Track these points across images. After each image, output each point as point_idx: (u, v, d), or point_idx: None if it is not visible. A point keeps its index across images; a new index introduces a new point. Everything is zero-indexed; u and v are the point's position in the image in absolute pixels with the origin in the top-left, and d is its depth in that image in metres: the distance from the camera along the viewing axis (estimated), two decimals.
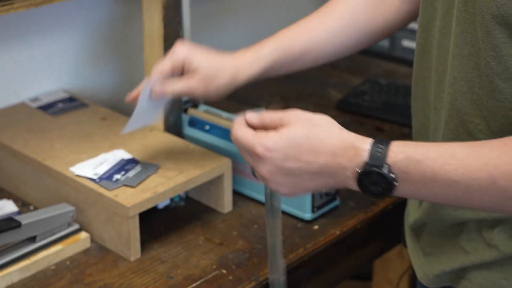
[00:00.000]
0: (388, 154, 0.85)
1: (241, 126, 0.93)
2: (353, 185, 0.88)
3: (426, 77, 1.05)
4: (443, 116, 1.00)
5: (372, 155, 0.86)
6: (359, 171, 0.86)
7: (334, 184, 0.90)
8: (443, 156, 0.84)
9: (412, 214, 1.13)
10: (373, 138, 0.88)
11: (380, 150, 0.86)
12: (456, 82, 0.95)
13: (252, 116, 0.93)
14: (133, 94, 1.18)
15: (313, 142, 0.88)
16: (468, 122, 0.95)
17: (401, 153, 0.85)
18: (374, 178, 0.85)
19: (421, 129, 1.09)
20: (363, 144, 0.87)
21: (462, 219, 1.01)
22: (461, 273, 1.03)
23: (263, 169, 0.90)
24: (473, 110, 0.94)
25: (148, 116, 1.21)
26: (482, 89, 0.92)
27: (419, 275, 1.11)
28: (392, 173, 0.85)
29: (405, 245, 1.18)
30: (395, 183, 0.85)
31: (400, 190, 0.86)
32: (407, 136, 1.58)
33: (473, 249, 1.00)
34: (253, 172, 0.93)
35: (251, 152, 0.90)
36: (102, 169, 1.23)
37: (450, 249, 1.04)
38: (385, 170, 0.85)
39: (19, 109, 1.46)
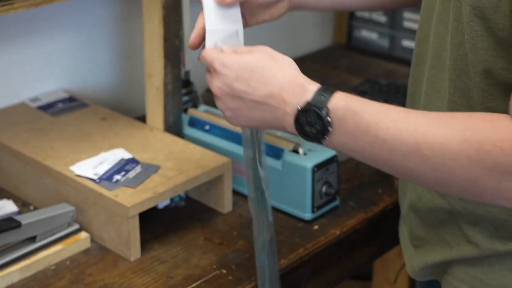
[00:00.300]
0: (330, 99, 0.88)
1: (211, 48, 0.97)
2: (289, 123, 0.90)
3: (421, 62, 1.06)
4: (432, 102, 1.01)
5: (316, 96, 0.89)
6: (299, 107, 0.89)
7: (272, 120, 0.92)
8: (380, 114, 0.86)
9: (404, 203, 1.14)
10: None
11: (324, 94, 0.89)
12: (448, 69, 0.96)
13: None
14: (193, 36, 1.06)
15: (265, 72, 0.91)
16: (455, 110, 0.95)
17: (342, 101, 0.88)
18: (311, 118, 0.88)
19: None
20: (311, 86, 0.90)
21: (442, 208, 1.02)
22: (444, 267, 1.05)
23: (215, 85, 0.95)
24: (460, 99, 0.95)
25: (225, 27, 1.06)
26: (469, 79, 0.93)
27: (408, 268, 1.13)
28: (329, 117, 0.87)
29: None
30: (329, 128, 0.88)
31: (332, 138, 0.88)
32: None
33: (456, 244, 1.02)
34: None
35: (211, 68, 0.95)
36: (102, 169, 1.23)
37: (435, 243, 1.06)
38: (323, 112, 0.87)
39: (19, 109, 1.46)
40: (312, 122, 0.88)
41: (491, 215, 0.97)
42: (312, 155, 1.28)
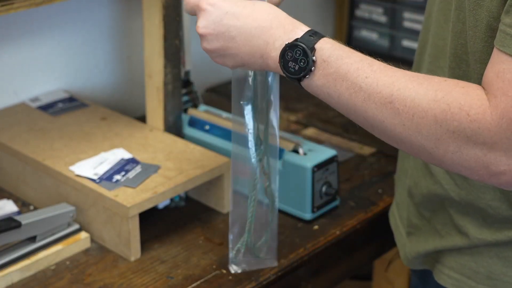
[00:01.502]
0: (319, 41, 0.90)
1: None
2: (275, 59, 0.92)
3: (423, 51, 1.08)
4: None
5: (305, 36, 0.91)
6: (288, 43, 0.90)
7: (258, 57, 0.93)
8: (362, 63, 0.88)
9: (399, 188, 1.16)
10: None
11: (313, 36, 0.91)
12: (447, 57, 0.98)
13: None
14: None
15: (257, 8, 0.93)
16: None
17: (329, 43, 0.90)
18: (297, 54, 0.90)
19: None
20: (301, 26, 0.92)
21: (435, 194, 1.04)
22: (435, 256, 1.07)
23: (201, 24, 0.94)
24: None
25: None
26: (468, 67, 0.94)
27: (401, 255, 1.16)
28: (315, 57, 0.89)
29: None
30: (312, 67, 0.90)
31: (312, 79, 0.90)
32: None
33: (447, 233, 1.05)
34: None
35: (197, 9, 0.95)
36: (102, 169, 1.23)
37: (427, 231, 1.08)
38: (309, 50, 0.89)
39: (19, 109, 1.46)
40: (297, 59, 0.90)
41: (483, 203, 0.99)
42: (312, 155, 1.28)
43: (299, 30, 0.92)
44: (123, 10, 1.61)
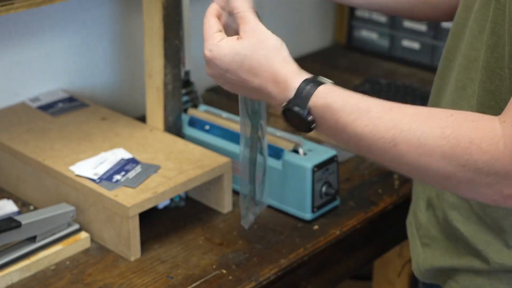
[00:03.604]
0: (311, 98, 0.91)
1: (211, 12, 1.00)
2: (279, 112, 0.95)
3: (452, 58, 1.05)
4: (458, 101, 1.00)
5: (298, 94, 0.92)
6: (284, 106, 0.93)
7: (268, 102, 0.98)
8: (359, 112, 0.88)
9: (419, 195, 1.14)
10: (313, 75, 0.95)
11: (306, 91, 0.91)
12: (479, 70, 0.96)
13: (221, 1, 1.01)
14: None
15: (254, 64, 0.95)
16: (482, 112, 0.93)
17: (322, 99, 0.91)
18: (294, 117, 0.92)
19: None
20: (294, 83, 0.92)
21: (459, 208, 1.02)
22: (449, 273, 1.05)
23: (208, 69, 1.00)
24: (489, 101, 0.94)
25: None
26: (502, 81, 0.92)
27: (413, 265, 1.13)
28: (311, 115, 0.91)
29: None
30: (311, 125, 0.92)
31: (317, 131, 0.93)
32: None
33: (465, 253, 1.02)
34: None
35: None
36: (102, 169, 1.24)
37: (444, 246, 1.06)
38: (304, 112, 0.91)
39: (19, 109, 1.46)
40: (297, 118, 0.92)
41: (507, 226, 0.97)
42: (312, 155, 1.28)
43: (291, 89, 0.92)
44: (123, 10, 1.61)
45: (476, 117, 0.83)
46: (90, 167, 1.24)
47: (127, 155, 1.29)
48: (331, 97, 0.91)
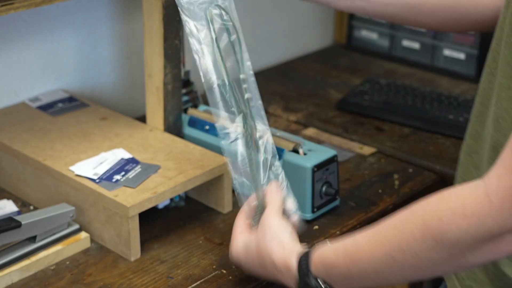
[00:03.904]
0: (311, 270, 0.95)
1: (241, 214, 1.10)
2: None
3: (492, 77, 0.99)
4: (501, 129, 0.95)
5: (300, 271, 0.96)
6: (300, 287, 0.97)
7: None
8: (351, 254, 0.92)
9: None
10: (308, 244, 1.00)
11: (304, 266, 0.95)
12: None
13: (249, 210, 1.10)
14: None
15: (262, 256, 1.01)
16: None
17: (320, 264, 0.95)
18: None
19: (474, 134, 1.04)
20: (292, 263, 0.97)
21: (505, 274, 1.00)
22: None
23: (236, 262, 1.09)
24: None
25: None
26: None
27: None
28: (321, 281, 0.95)
29: None
30: (330, 285, 0.95)
31: (338, 285, 0.95)
32: (407, 136, 1.58)
33: None
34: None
35: None
36: (102, 169, 1.24)
37: None
38: (319, 283, 0.95)
39: (19, 109, 1.46)
40: None
41: None
42: (312, 155, 1.28)
43: (292, 270, 0.97)
44: (123, 10, 1.61)
45: (453, 190, 0.82)
46: (90, 167, 1.24)
47: (127, 155, 1.29)
48: (325, 256, 0.94)
